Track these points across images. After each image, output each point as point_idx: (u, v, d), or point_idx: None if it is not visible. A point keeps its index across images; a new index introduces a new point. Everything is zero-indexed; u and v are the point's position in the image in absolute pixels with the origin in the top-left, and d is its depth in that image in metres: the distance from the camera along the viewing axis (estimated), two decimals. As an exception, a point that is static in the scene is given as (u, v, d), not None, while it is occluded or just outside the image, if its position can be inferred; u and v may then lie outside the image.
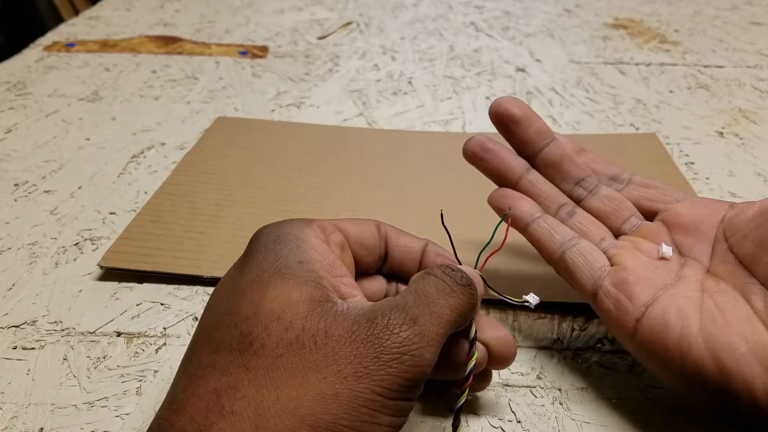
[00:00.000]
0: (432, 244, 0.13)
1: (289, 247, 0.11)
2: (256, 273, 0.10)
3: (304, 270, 0.10)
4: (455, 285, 0.11)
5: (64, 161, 0.25)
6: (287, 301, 0.10)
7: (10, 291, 0.18)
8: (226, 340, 0.10)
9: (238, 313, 0.10)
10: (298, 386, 0.09)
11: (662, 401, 0.14)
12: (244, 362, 0.09)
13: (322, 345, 0.09)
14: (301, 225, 0.12)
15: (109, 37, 0.39)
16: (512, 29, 0.41)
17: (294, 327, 0.10)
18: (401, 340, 0.09)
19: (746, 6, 0.44)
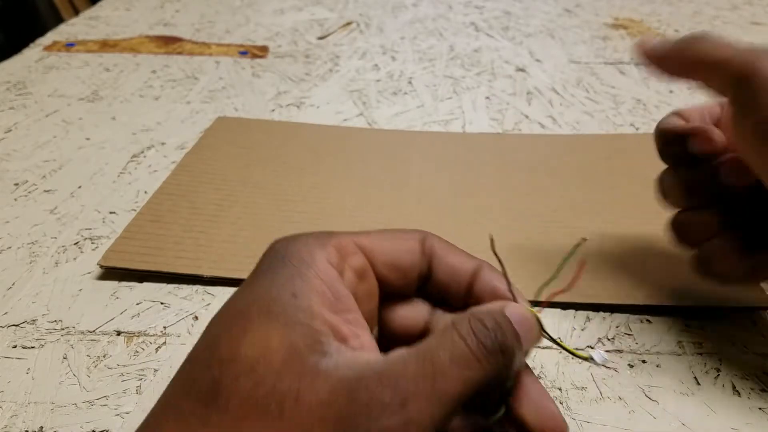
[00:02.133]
0: (489, 268, 0.11)
1: (289, 272, 0.09)
2: (247, 302, 0.09)
3: (296, 307, 0.09)
4: (481, 352, 0.08)
5: (64, 161, 0.25)
6: (265, 348, 0.08)
7: (10, 290, 0.18)
8: (196, 384, 0.08)
9: (217, 351, 0.08)
10: None
11: (662, 400, 0.14)
12: (206, 415, 0.08)
13: (289, 415, 0.08)
14: (313, 244, 0.10)
15: (109, 37, 0.39)
16: (512, 29, 0.41)
17: (265, 384, 0.08)
18: (381, 427, 0.08)
19: (746, 6, 0.44)
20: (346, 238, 0.10)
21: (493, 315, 0.09)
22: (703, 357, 0.15)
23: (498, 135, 0.27)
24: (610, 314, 0.17)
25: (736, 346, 0.16)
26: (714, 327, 0.16)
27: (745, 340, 0.16)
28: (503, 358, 0.09)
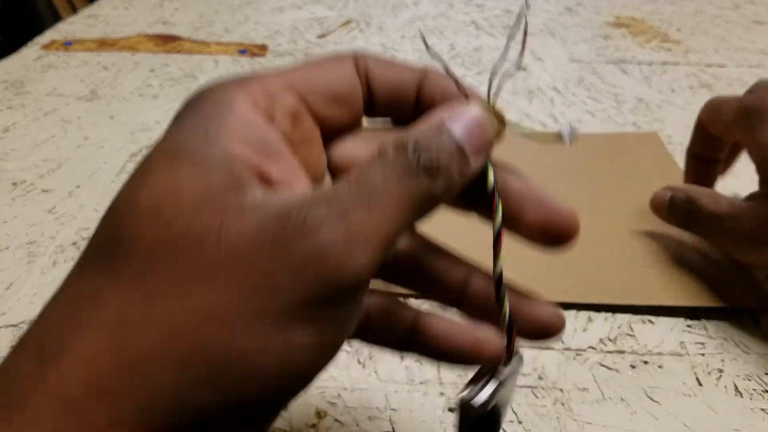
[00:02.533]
0: (435, 72, 0.09)
1: (203, 114, 0.08)
2: (150, 153, 0.08)
3: (210, 146, 0.07)
4: (413, 169, 0.07)
5: (63, 160, 0.25)
6: (172, 189, 0.07)
7: (8, 290, 0.18)
8: (95, 238, 0.08)
9: (118, 202, 0.08)
10: (176, 298, 0.07)
11: (664, 401, 0.14)
12: (110, 266, 0.07)
13: (211, 250, 0.07)
14: (231, 88, 0.08)
15: (107, 36, 0.38)
16: (513, 28, 0.41)
17: (176, 224, 0.07)
18: (319, 241, 0.07)
19: (748, 5, 0.44)
20: (272, 79, 0.09)
21: (428, 130, 0.08)
22: (705, 358, 0.15)
23: (499, 134, 0.27)
24: (612, 315, 0.17)
25: (739, 347, 0.16)
26: (716, 328, 0.16)
27: (747, 340, 0.16)
28: (437, 174, 0.08)
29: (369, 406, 0.14)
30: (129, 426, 0.06)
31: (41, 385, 0.06)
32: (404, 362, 0.15)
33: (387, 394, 0.14)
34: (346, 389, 0.15)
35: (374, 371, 0.15)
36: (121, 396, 0.06)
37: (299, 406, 0.14)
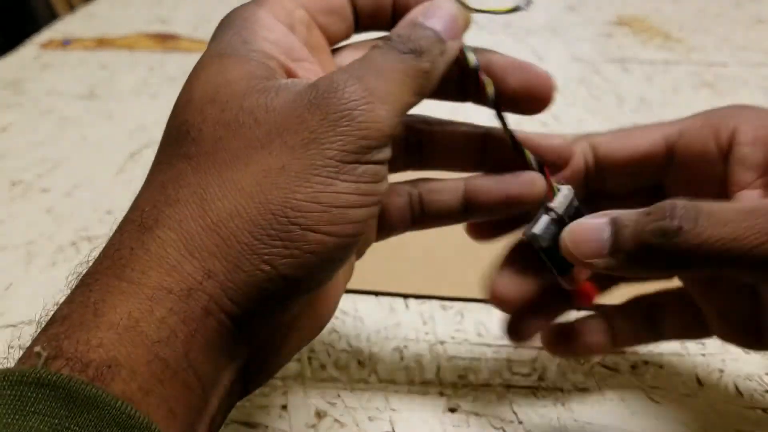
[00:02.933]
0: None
1: (236, 28, 0.09)
2: (199, 60, 0.09)
3: (248, 49, 0.09)
4: (402, 50, 0.09)
5: (61, 159, 0.25)
6: (222, 81, 0.09)
7: (7, 290, 0.18)
8: (170, 135, 0.09)
9: (178, 106, 0.09)
10: (242, 166, 0.08)
11: (665, 401, 0.14)
12: (184, 152, 0.09)
13: (263, 120, 0.08)
14: (253, 4, 0.10)
15: (105, 35, 0.38)
16: (514, 26, 0.40)
17: (231, 107, 0.09)
18: (348, 95, 0.08)
19: (751, 4, 0.44)
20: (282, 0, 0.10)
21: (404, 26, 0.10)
22: (705, 358, 0.15)
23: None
24: (613, 315, 0.17)
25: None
26: (717, 328, 0.16)
27: (748, 341, 0.16)
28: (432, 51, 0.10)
29: (369, 406, 0.14)
30: (218, 277, 0.08)
31: (143, 250, 0.08)
32: (404, 362, 0.15)
33: (387, 395, 0.14)
34: (346, 389, 0.15)
35: (374, 371, 0.15)
36: (209, 252, 0.08)
37: (299, 406, 0.14)
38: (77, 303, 0.08)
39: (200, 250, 0.08)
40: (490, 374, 0.15)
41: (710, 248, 0.09)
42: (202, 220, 0.08)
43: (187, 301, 0.08)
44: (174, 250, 0.08)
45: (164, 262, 0.08)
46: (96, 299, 0.08)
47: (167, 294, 0.08)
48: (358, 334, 0.16)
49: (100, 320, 0.07)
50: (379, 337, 0.16)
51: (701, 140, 0.11)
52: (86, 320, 0.07)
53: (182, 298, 0.08)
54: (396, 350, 0.16)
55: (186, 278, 0.08)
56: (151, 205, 0.08)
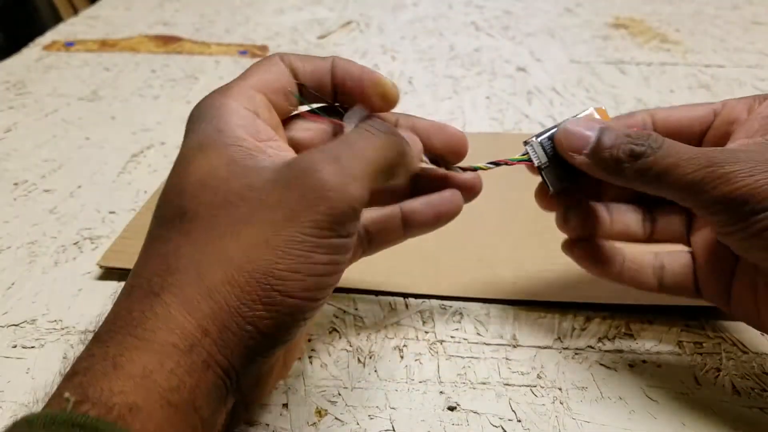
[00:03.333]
0: (338, 59, 0.13)
1: (208, 119, 0.11)
2: (182, 152, 0.11)
3: (224, 137, 0.11)
4: (376, 131, 0.11)
5: (64, 160, 0.25)
6: (209, 168, 0.10)
7: (10, 290, 0.18)
8: (166, 215, 0.11)
9: (171, 190, 0.11)
10: (232, 240, 0.10)
11: (663, 400, 0.14)
12: (183, 229, 0.10)
13: (248, 198, 0.10)
14: (220, 95, 0.12)
15: (108, 37, 0.39)
16: (513, 29, 0.41)
17: (220, 191, 0.10)
18: (324, 176, 0.10)
19: (747, 5, 0.44)
20: (243, 83, 0.12)
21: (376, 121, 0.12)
22: (703, 357, 0.15)
23: (498, 135, 0.27)
24: (611, 314, 0.17)
25: (737, 345, 0.16)
26: (714, 327, 0.16)
27: (745, 340, 0.16)
28: (394, 136, 0.12)
29: (369, 404, 0.14)
30: (212, 335, 0.09)
31: (151, 313, 0.09)
32: (404, 361, 0.15)
33: (387, 393, 0.15)
34: (347, 388, 0.15)
35: (374, 370, 0.15)
36: (204, 314, 0.09)
37: (300, 405, 0.14)
38: (97, 357, 0.09)
39: (197, 312, 0.09)
40: (489, 373, 0.15)
41: (660, 173, 0.12)
42: (198, 287, 0.10)
43: (190, 355, 0.09)
44: (177, 312, 0.09)
45: (170, 322, 0.09)
46: (114, 354, 0.09)
47: (174, 349, 0.09)
48: (359, 333, 0.16)
49: (120, 372, 0.09)
50: (379, 336, 0.16)
51: (737, 110, 0.13)
52: (107, 371, 0.09)
53: (186, 352, 0.09)
54: (396, 349, 0.16)
55: (188, 335, 0.09)
56: (156, 274, 0.10)
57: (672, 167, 0.11)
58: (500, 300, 0.17)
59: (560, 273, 0.18)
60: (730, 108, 0.13)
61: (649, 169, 0.12)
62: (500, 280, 0.18)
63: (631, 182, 0.12)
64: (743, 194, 0.11)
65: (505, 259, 0.19)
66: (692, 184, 0.11)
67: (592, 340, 0.16)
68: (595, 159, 0.12)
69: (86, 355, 0.10)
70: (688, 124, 0.14)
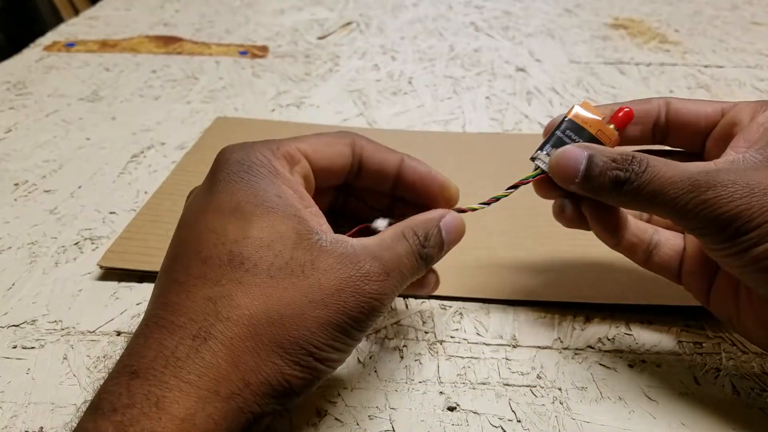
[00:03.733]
0: (408, 158, 0.14)
1: (264, 180, 0.12)
2: (236, 201, 0.12)
3: (285, 204, 0.12)
4: (419, 258, 0.13)
5: (64, 161, 0.25)
6: (275, 232, 0.11)
7: (10, 290, 0.18)
8: (214, 255, 0.11)
9: (225, 234, 0.11)
10: (286, 305, 0.11)
11: (662, 400, 0.14)
12: (237, 277, 0.11)
13: (309, 275, 0.11)
14: (269, 155, 0.12)
15: (109, 37, 0.39)
16: (512, 29, 0.41)
17: (283, 255, 0.11)
18: (377, 288, 0.12)
19: (746, 6, 0.44)
20: (291, 146, 0.13)
21: (429, 227, 0.13)
22: (702, 357, 0.15)
23: (498, 135, 0.27)
24: (611, 314, 0.17)
25: (736, 346, 0.16)
26: (714, 327, 0.16)
27: (744, 340, 0.16)
28: (426, 264, 0.13)
29: (369, 405, 0.14)
30: (252, 387, 0.10)
31: (198, 358, 0.10)
32: (404, 361, 0.15)
33: (387, 393, 0.15)
34: (347, 388, 0.15)
35: (374, 370, 0.15)
36: (249, 368, 0.10)
37: (300, 406, 0.14)
38: (139, 395, 0.10)
39: (244, 365, 0.10)
40: (489, 373, 0.15)
41: (645, 197, 0.12)
42: (249, 342, 0.10)
43: (229, 402, 0.10)
44: (224, 362, 0.10)
45: (215, 371, 0.10)
46: (158, 394, 0.10)
47: (215, 395, 0.10)
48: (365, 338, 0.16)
49: (163, 413, 0.10)
50: (379, 337, 0.16)
51: (742, 113, 0.14)
52: (150, 412, 0.09)
53: (225, 399, 0.10)
54: (396, 349, 0.16)
55: (230, 385, 0.10)
56: (204, 318, 0.10)
57: (656, 192, 0.12)
58: (500, 300, 0.17)
59: (560, 273, 0.18)
60: (737, 110, 0.14)
61: (634, 194, 0.12)
62: (500, 280, 0.18)
63: (622, 205, 0.13)
64: (725, 219, 0.11)
65: (505, 259, 0.19)
66: (676, 208, 0.12)
67: (592, 340, 0.16)
68: (585, 187, 0.13)
69: (124, 390, 0.10)
70: (695, 120, 0.14)
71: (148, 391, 0.10)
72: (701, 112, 0.14)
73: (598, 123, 0.14)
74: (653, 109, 0.14)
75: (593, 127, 0.14)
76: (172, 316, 0.10)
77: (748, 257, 0.11)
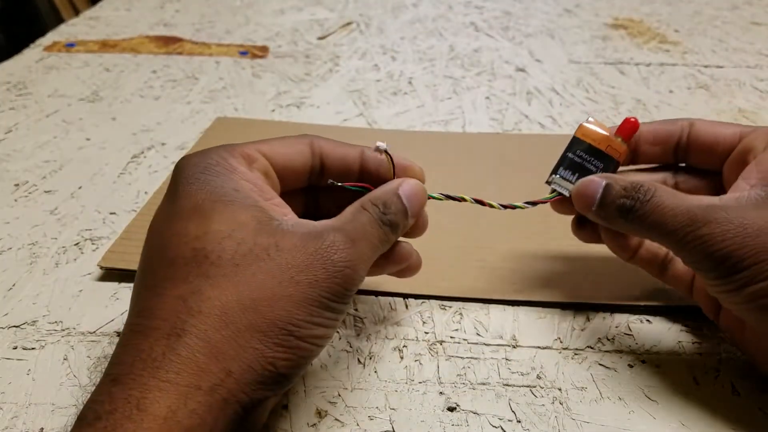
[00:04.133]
0: (368, 149, 0.14)
1: (221, 177, 0.12)
2: (194, 202, 0.12)
3: (243, 196, 0.12)
4: (382, 224, 0.13)
5: (65, 161, 0.25)
6: (235, 222, 0.11)
7: (11, 291, 0.18)
8: (179, 255, 0.11)
9: (186, 234, 0.11)
10: (256, 289, 0.11)
11: (662, 400, 0.14)
12: (203, 271, 0.11)
13: (275, 256, 0.11)
14: (225, 155, 0.13)
15: (109, 38, 0.39)
16: (512, 29, 0.41)
17: (246, 242, 0.11)
18: (345, 256, 0.12)
19: (746, 6, 0.44)
20: (248, 147, 0.13)
21: (387, 196, 0.13)
22: (702, 357, 0.15)
23: (498, 135, 0.27)
24: (610, 314, 0.17)
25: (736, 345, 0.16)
26: (713, 327, 0.16)
27: (744, 340, 0.16)
28: (392, 230, 0.13)
29: (369, 405, 0.14)
30: (235, 375, 0.10)
31: (174, 355, 0.10)
32: (404, 362, 0.16)
33: (387, 394, 0.15)
34: (346, 389, 0.15)
35: (374, 370, 0.15)
36: (229, 357, 0.10)
37: (300, 406, 0.14)
38: (120, 400, 0.10)
39: (222, 355, 0.10)
40: (489, 373, 0.15)
41: (648, 226, 0.13)
42: (224, 331, 0.10)
43: (212, 395, 0.10)
44: (201, 355, 0.10)
45: (193, 365, 0.10)
46: (139, 396, 0.10)
47: (197, 390, 0.10)
48: (358, 333, 0.16)
49: (144, 414, 0.10)
50: (379, 337, 0.16)
51: (757, 140, 0.14)
52: (132, 414, 0.09)
53: (208, 392, 0.10)
54: (396, 350, 0.16)
55: (211, 377, 0.10)
56: (176, 315, 0.10)
57: (657, 222, 0.13)
58: (500, 300, 0.17)
59: (560, 273, 0.18)
60: (753, 137, 0.14)
61: (639, 222, 0.13)
62: (500, 280, 0.18)
63: (630, 232, 0.14)
64: (719, 256, 0.12)
65: (505, 259, 0.19)
66: (675, 240, 0.12)
67: (591, 340, 0.16)
68: (599, 215, 0.14)
69: (106, 397, 0.10)
70: (713, 143, 0.14)
71: (129, 394, 0.10)
72: (720, 136, 0.14)
73: (606, 139, 0.14)
74: (676, 131, 0.15)
75: (602, 143, 0.14)
76: (147, 320, 0.11)
77: (743, 295, 0.12)
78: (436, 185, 0.24)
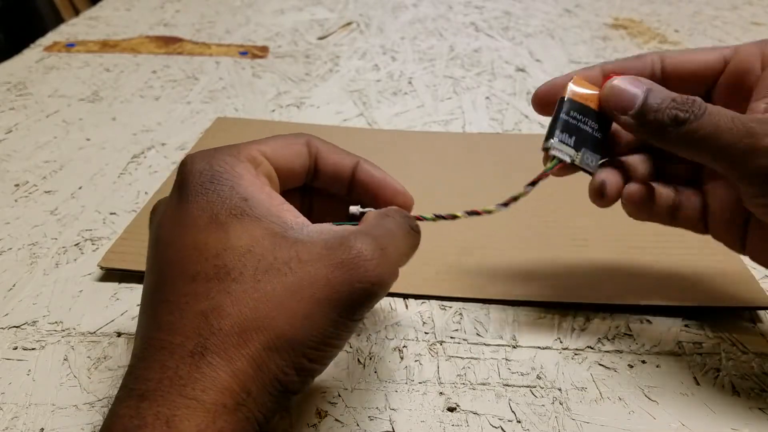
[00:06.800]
0: (365, 161, 0.14)
1: (229, 185, 0.12)
2: (209, 214, 0.11)
3: (253, 207, 0.12)
4: (411, 230, 0.13)
5: (65, 161, 0.25)
6: (252, 237, 0.11)
7: (11, 291, 0.18)
8: (201, 271, 0.11)
9: (206, 250, 0.11)
10: (275, 307, 0.11)
11: (662, 400, 0.14)
12: (225, 287, 0.11)
13: (297, 270, 0.11)
14: (232, 161, 0.12)
15: (109, 38, 0.39)
16: (512, 29, 0.41)
17: (266, 258, 0.11)
18: (373, 267, 0.11)
19: (746, 6, 0.44)
20: (252, 149, 0.13)
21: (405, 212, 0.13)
22: (702, 357, 0.15)
23: (498, 135, 0.27)
24: (610, 314, 0.17)
25: (736, 346, 0.16)
26: (713, 327, 0.16)
27: (744, 340, 0.16)
28: (419, 235, 0.13)
29: (369, 405, 0.14)
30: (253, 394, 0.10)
31: (199, 374, 0.10)
32: (404, 362, 0.16)
33: (387, 394, 0.15)
34: (347, 389, 0.15)
35: (374, 371, 0.15)
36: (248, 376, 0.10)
37: (300, 406, 0.14)
38: (149, 416, 0.10)
39: (243, 374, 0.10)
40: (489, 373, 0.15)
41: (701, 140, 0.12)
42: (243, 351, 0.10)
43: (236, 413, 0.10)
44: (224, 373, 0.10)
45: (218, 383, 0.10)
46: (168, 414, 0.10)
47: (223, 408, 0.10)
48: (359, 334, 0.16)
49: (174, 430, 0.10)
50: (379, 337, 0.16)
51: (750, 57, 0.13)
52: (162, 431, 0.10)
53: (232, 411, 0.10)
54: (396, 350, 0.16)
55: (234, 396, 0.10)
56: (199, 334, 0.10)
57: (713, 136, 0.12)
58: (500, 300, 0.17)
59: (560, 273, 0.18)
60: (742, 57, 0.13)
61: (692, 135, 0.12)
62: (500, 280, 0.18)
63: (673, 146, 0.12)
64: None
65: (505, 259, 0.19)
66: (731, 154, 0.12)
67: (591, 340, 0.16)
68: (639, 120, 0.13)
69: (134, 412, 0.10)
70: (695, 71, 0.14)
71: (158, 411, 0.10)
72: (701, 62, 0.14)
73: (597, 97, 0.14)
74: (646, 67, 0.14)
75: (594, 101, 0.14)
76: (169, 336, 0.11)
77: None
78: (436, 185, 0.24)
